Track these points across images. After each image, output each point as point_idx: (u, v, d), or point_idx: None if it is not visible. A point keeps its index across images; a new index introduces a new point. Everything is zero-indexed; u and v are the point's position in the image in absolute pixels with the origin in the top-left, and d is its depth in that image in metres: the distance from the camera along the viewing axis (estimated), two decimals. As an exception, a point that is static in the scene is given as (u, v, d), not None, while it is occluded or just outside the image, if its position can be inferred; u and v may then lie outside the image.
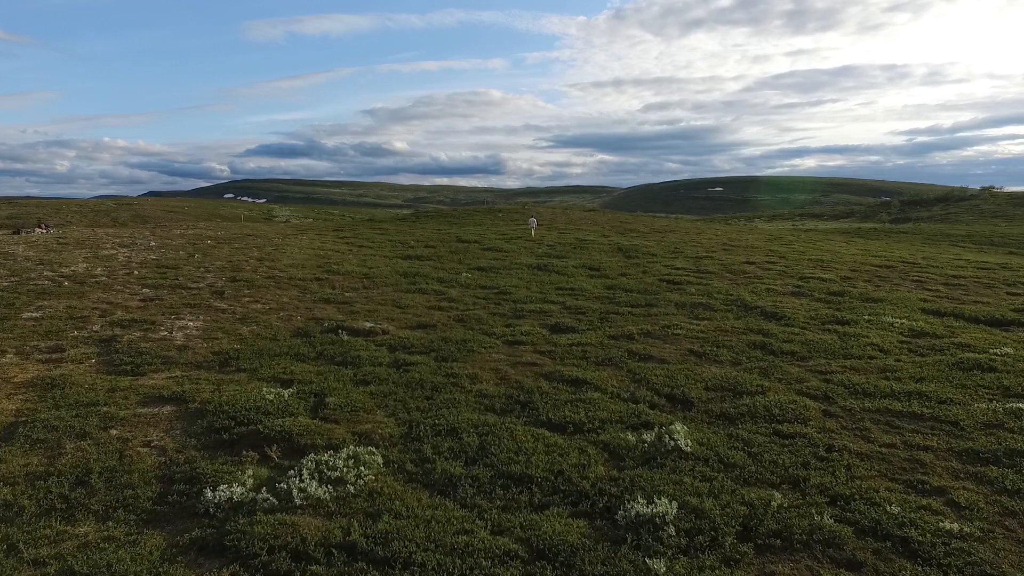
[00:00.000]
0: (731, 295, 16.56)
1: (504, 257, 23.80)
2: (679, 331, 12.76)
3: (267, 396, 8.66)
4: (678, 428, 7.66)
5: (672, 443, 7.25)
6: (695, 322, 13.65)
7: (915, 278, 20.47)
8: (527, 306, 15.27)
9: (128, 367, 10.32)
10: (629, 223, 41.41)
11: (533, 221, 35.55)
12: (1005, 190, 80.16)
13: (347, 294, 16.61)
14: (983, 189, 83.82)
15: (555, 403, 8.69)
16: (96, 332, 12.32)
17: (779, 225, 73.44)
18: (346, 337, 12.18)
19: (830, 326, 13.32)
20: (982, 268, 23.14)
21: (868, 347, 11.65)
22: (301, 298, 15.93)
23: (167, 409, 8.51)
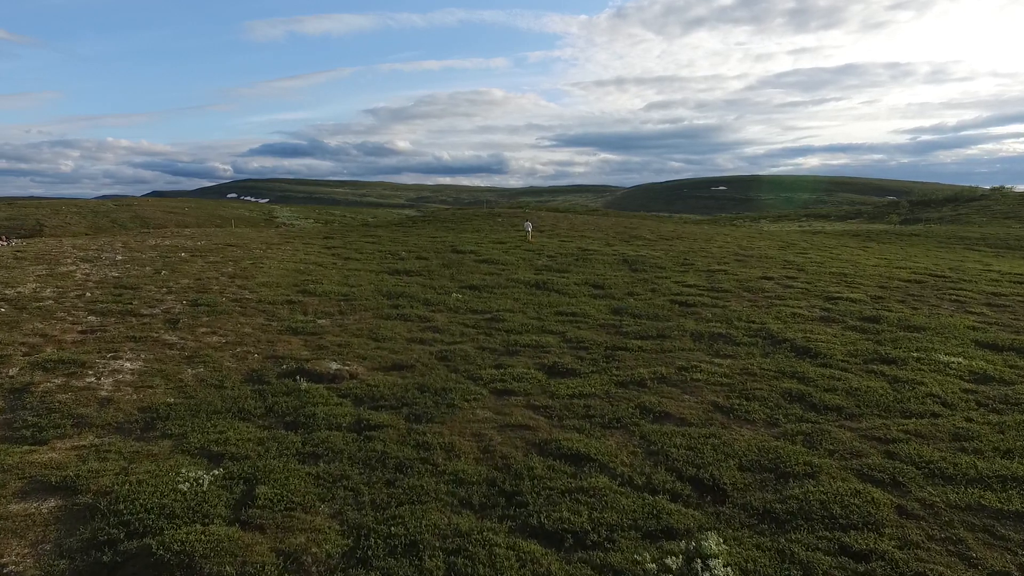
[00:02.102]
0: (753, 322, 14.62)
1: (500, 271, 21.88)
2: (698, 375, 10.83)
3: (181, 486, 6.75)
4: (712, 543, 5.75)
5: (707, 575, 5.33)
6: (716, 361, 11.72)
7: (952, 297, 18.52)
8: (522, 337, 13.35)
9: (30, 431, 8.43)
10: (634, 228, 39.42)
11: (528, 225, 33.82)
12: (1016, 190, 77.81)
13: (320, 321, 14.70)
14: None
15: (550, 495, 6.76)
16: (11, 378, 10.42)
17: (786, 226, 71.33)
18: (305, 385, 10.26)
19: (875, 366, 11.38)
20: (1020, 282, 21.19)
21: (928, 399, 9.71)
22: (266, 328, 14.01)
23: (49, 505, 6.62)
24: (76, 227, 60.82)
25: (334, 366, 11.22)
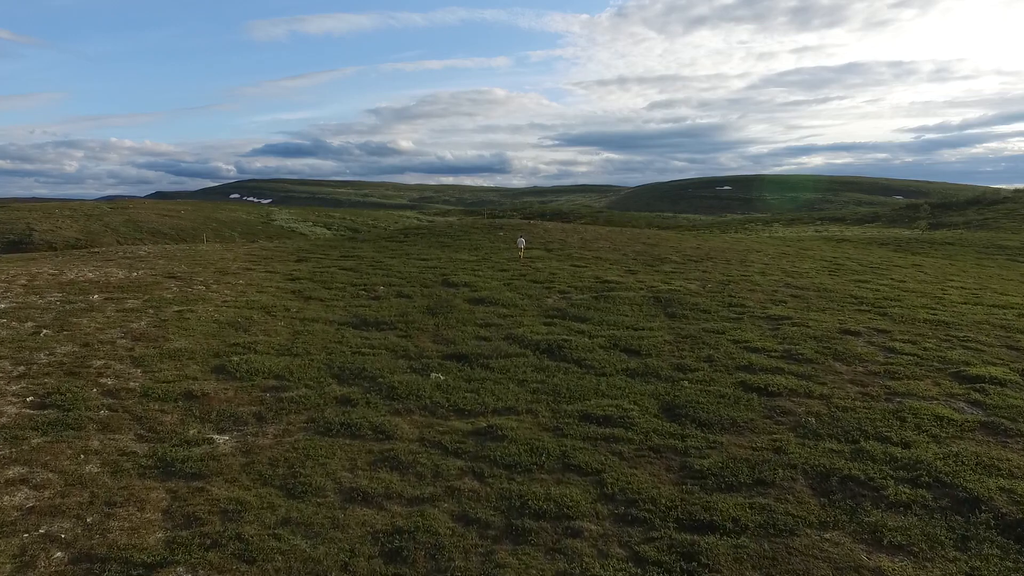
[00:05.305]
0: (890, 440, 9.39)
1: (501, 321, 16.67)
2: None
3: None
4: None
5: None
6: (885, 571, 6.50)
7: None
8: (533, 488, 8.13)
9: None
10: (654, 246, 34.03)
11: (521, 242, 29.21)
12: (1040, 190, 73.34)
13: (218, 440, 9.48)
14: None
15: None
16: None
17: (800, 230, 66.14)
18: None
19: None
20: None
21: None
22: (121, 464, 8.73)
23: None
24: (67, 232, 55.82)
25: (184, 596, 6.01)
